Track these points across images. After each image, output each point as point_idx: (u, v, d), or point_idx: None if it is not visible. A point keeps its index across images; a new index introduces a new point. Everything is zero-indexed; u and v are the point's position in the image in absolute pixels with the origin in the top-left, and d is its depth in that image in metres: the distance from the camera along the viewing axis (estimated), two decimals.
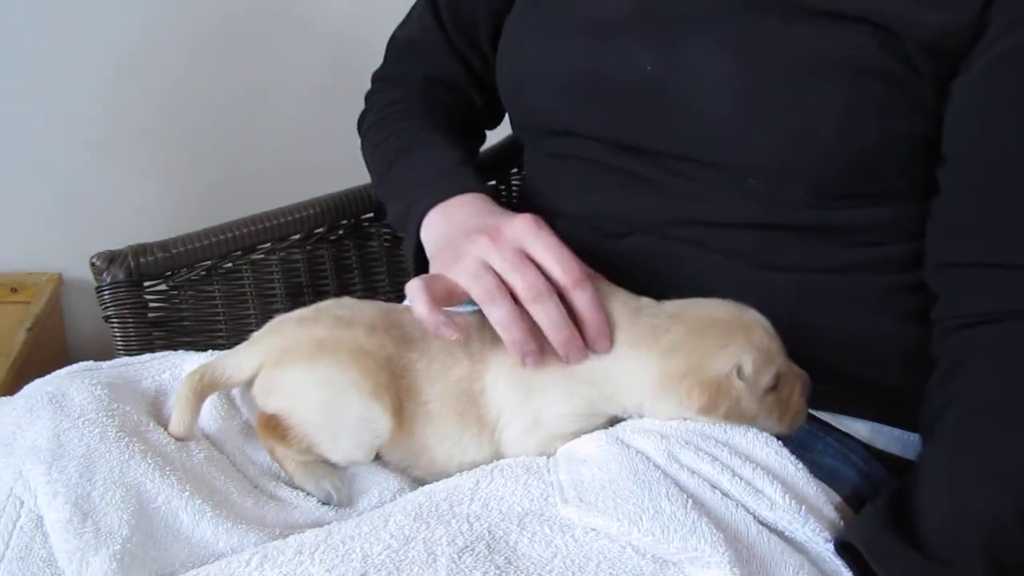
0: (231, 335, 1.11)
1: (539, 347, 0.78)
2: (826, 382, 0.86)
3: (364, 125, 1.11)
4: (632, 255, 0.93)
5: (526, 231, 0.80)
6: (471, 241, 0.81)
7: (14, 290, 1.81)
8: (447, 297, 0.79)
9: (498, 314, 0.77)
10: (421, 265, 0.91)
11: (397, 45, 1.14)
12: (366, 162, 1.09)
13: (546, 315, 0.77)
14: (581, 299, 0.78)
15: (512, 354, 0.78)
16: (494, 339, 0.80)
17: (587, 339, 0.78)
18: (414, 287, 0.77)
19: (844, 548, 0.76)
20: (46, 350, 1.76)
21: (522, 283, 0.78)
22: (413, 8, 1.13)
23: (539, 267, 0.79)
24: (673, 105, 0.88)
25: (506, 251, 0.79)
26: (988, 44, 0.81)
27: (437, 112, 1.09)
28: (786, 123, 0.85)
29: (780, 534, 0.74)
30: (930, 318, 0.89)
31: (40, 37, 1.74)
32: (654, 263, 0.92)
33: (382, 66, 1.15)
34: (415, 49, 1.12)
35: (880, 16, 0.82)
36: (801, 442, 0.84)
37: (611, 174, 0.95)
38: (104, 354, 0.98)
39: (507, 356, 0.80)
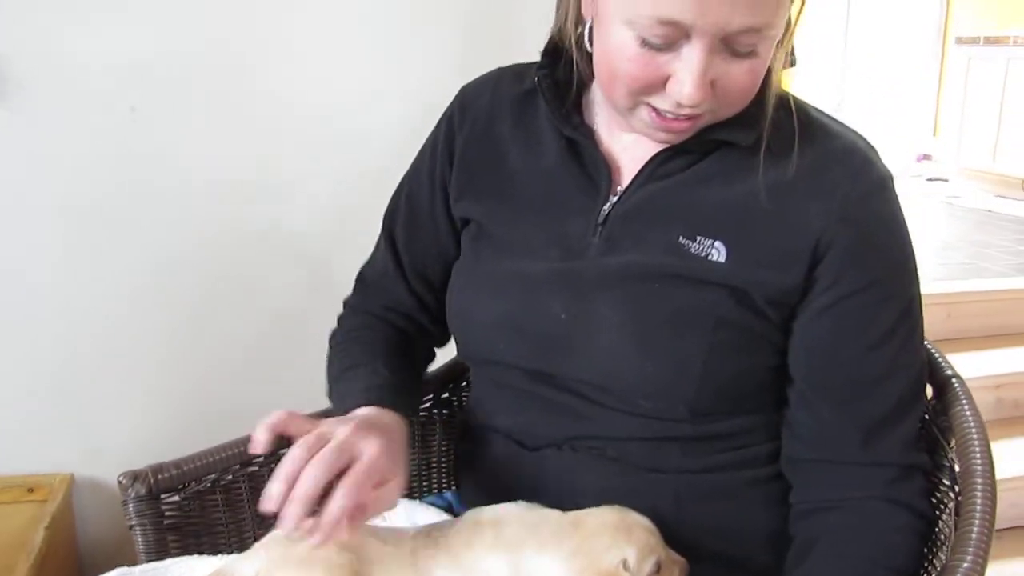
0: (232, 537, 1.20)
1: (286, 493, 0.86)
2: (705, 563, 1.01)
3: (332, 343, 1.22)
4: (546, 465, 1.08)
5: (373, 451, 0.91)
6: (343, 424, 0.93)
7: (31, 490, 1.86)
8: (285, 430, 0.91)
9: (293, 452, 0.88)
10: None
11: (364, 280, 1.26)
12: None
13: (309, 472, 0.86)
14: (339, 494, 0.86)
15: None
16: (436, 553, 0.95)
17: (321, 520, 0.86)
18: (274, 414, 0.90)
19: None
20: (61, 546, 1.80)
21: (328, 449, 0.88)
22: (377, 247, 1.24)
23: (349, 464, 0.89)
24: (580, 345, 1.02)
25: (350, 438, 0.90)
26: (813, 298, 0.98)
27: (387, 339, 1.20)
28: (666, 360, 0.98)
29: None
30: (788, 501, 1.04)
31: (54, 254, 1.83)
32: (563, 471, 1.07)
33: (351, 295, 1.27)
34: (376, 285, 1.24)
35: (735, 281, 0.97)
36: None
37: (530, 398, 1.08)
38: (110, 547, 1.02)
39: (446, 563, 0.94)
